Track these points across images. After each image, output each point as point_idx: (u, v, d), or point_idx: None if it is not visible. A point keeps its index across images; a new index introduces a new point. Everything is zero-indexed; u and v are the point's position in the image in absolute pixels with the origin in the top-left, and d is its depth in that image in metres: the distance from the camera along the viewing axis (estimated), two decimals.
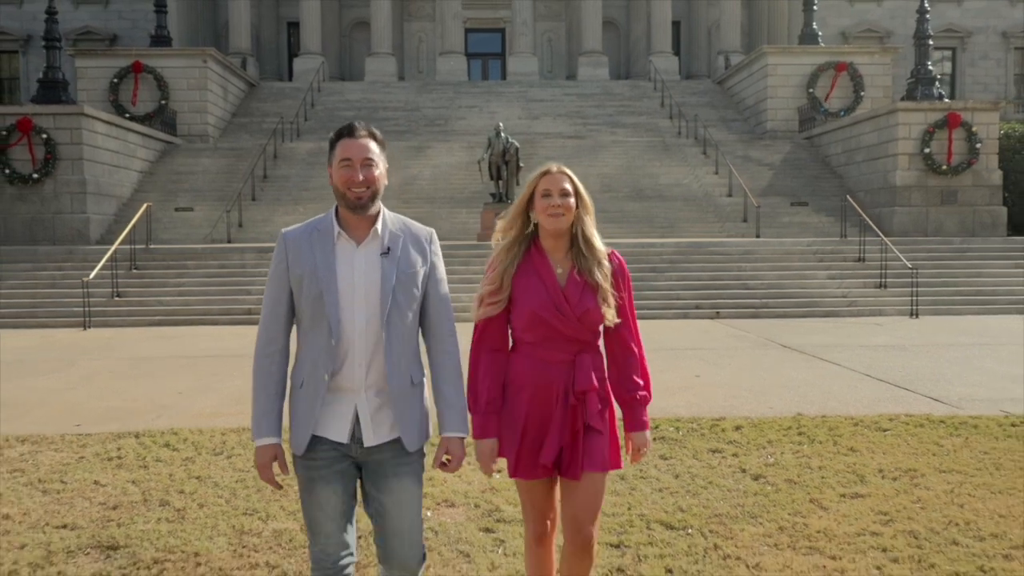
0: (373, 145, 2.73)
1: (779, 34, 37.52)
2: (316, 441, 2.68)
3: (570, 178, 2.91)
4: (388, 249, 2.71)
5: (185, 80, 27.91)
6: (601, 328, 2.94)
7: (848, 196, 20.47)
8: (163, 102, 27.50)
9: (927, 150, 21.61)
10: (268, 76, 37.98)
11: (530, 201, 2.94)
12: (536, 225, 2.94)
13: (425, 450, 2.82)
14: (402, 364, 2.71)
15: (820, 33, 30.49)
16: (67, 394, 8.29)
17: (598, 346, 2.98)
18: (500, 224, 3.02)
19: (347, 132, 2.73)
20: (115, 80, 27.64)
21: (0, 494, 4.87)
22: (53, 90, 22.96)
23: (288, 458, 2.74)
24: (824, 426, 6.33)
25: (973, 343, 11.53)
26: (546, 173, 2.92)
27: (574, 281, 2.88)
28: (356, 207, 2.66)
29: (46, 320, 14.74)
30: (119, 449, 5.79)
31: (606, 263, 2.93)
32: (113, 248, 16.11)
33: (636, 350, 3.01)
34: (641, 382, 3.00)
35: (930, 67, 23.76)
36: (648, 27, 37.62)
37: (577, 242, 2.92)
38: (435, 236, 2.89)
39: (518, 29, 36.35)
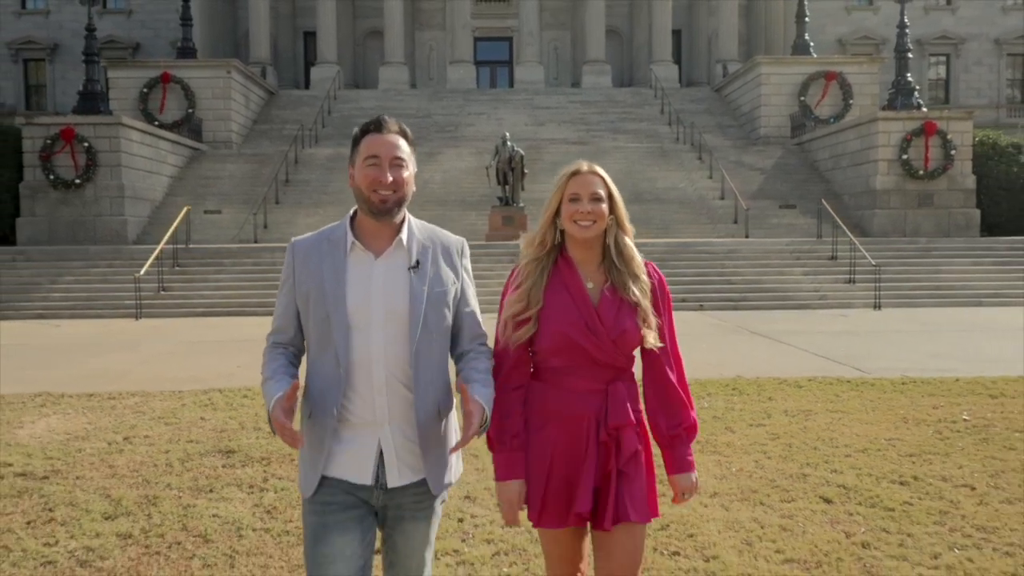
0: (403, 144, 2.41)
1: (776, 43, 39.13)
2: (328, 482, 2.34)
3: (602, 179, 2.55)
4: (418, 263, 2.38)
5: (210, 90, 29.63)
6: (636, 352, 2.58)
7: (823, 200, 22.08)
8: (190, 110, 29.25)
9: (905, 156, 23.16)
10: (286, 84, 39.71)
11: (559, 208, 2.56)
12: (563, 233, 2.57)
13: (447, 494, 2.52)
14: (430, 394, 2.38)
15: (813, 43, 32.02)
16: (145, 367, 10.04)
17: (632, 373, 2.60)
18: (526, 238, 2.63)
19: (375, 127, 2.40)
20: (145, 90, 29.39)
21: (134, 425, 6.62)
22: (92, 101, 24.71)
23: (297, 423, 2.36)
24: (755, 384, 8.06)
25: (918, 330, 13.19)
26: (575, 174, 2.55)
27: (608, 298, 2.53)
28: (381, 212, 2.33)
29: (101, 312, 16.54)
30: (209, 399, 7.55)
31: (644, 277, 2.58)
32: (159, 248, 17.90)
33: (678, 378, 2.62)
34: (684, 415, 2.61)
35: (909, 78, 25.32)
36: (650, 36, 39.23)
37: (610, 253, 2.57)
38: (467, 247, 2.56)
39: (525, 39, 38.06)
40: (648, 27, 39.68)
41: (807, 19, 32.13)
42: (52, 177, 22.19)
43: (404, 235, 2.39)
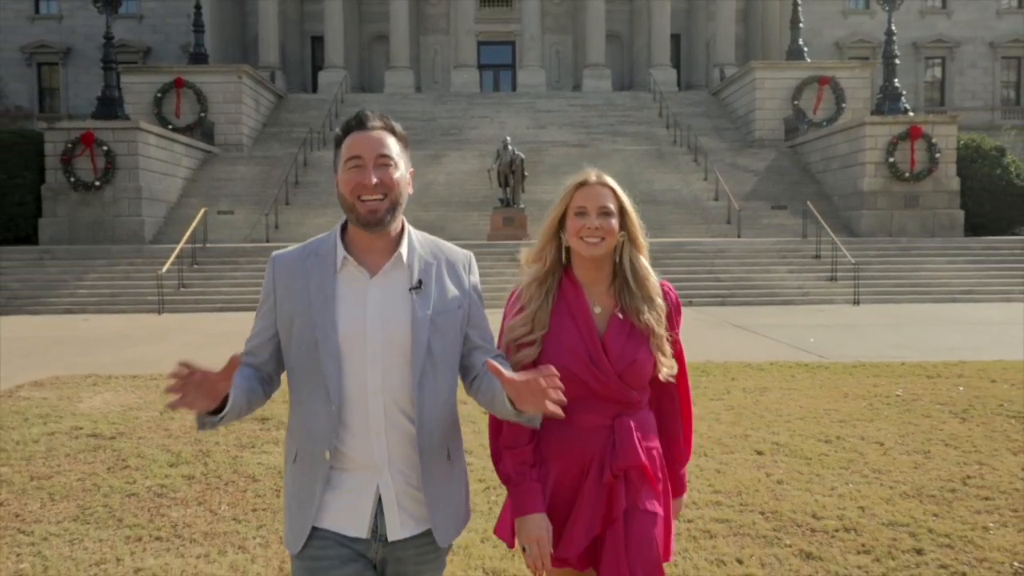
0: (391, 140, 2.12)
1: (773, 47, 40.05)
2: (319, 533, 2.08)
3: (613, 191, 2.32)
4: (420, 282, 2.11)
5: (222, 94, 30.66)
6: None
7: (808, 202, 23.01)
8: (202, 114, 30.28)
9: (892, 159, 24.11)
10: (294, 88, 40.71)
11: (562, 220, 2.34)
12: (568, 251, 2.34)
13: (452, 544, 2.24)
14: (437, 434, 2.12)
15: (811, 47, 33.11)
16: (177, 354, 11.04)
17: (646, 404, 2.38)
18: (526, 254, 2.41)
19: (356, 124, 2.11)
20: (159, 95, 30.44)
21: None
22: (110, 106, 25.74)
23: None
24: (722, 367, 9.06)
25: (888, 323, 14.16)
26: (582, 185, 2.32)
27: (617, 324, 2.29)
28: (370, 223, 2.05)
29: (124, 307, 17.59)
30: None
31: (659, 300, 2.34)
32: (179, 247, 18.95)
33: (683, 402, 2.48)
34: (684, 443, 2.50)
35: (897, 84, 26.26)
36: (649, 40, 40.17)
37: (622, 273, 2.32)
38: (474, 262, 2.28)
39: (527, 43, 39.06)
40: (648, 32, 40.63)
41: (801, 25, 33.03)
42: (73, 179, 23.19)
43: (404, 250, 2.10)
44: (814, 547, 3.98)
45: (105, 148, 23.42)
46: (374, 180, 2.04)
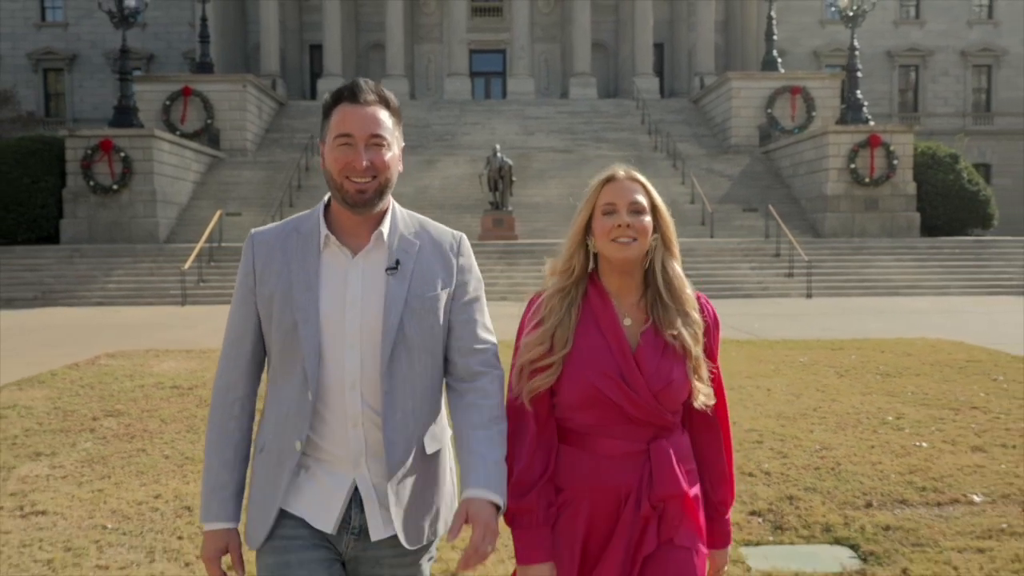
0: (384, 116, 1.94)
1: (751, 56, 41.92)
2: (286, 518, 1.94)
3: (643, 187, 2.07)
4: (397, 262, 1.95)
5: (227, 102, 32.33)
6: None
7: (770, 205, 24.95)
8: (209, 121, 32.01)
9: (853, 165, 26.06)
10: (294, 95, 42.38)
11: (588, 225, 2.06)
12: (595, 257, 2.05)
13: (436, 551, 2.11)
14: (409, 426, 1.95)
15: (790, 54, 35.01)
16: (212, 337, 12.89)
17: (680, 426, 2.09)
18: (551, 265, 2.11)
19: (348, 94, 1.93)
20: (167, 102, 32.17)
21: None
22: (126, 115, 27.48)
23: (246, 553, 2.02)
24: None
25: (829, 313, 16.12)
26: (609, 180, 2.06)
27: (650, 340, 2.01)
28: (357, 203, 1.91)
29: (150, 300, 19.45)
30: None
31: (696, 316, 2.05)
32: (199, 246, 20.82)
33: (723, 433, 2.14)
34: (727, 483, 2.16)
35: (859, 95, 28.21)
36: (633, 49, 42.08)
37: (655, 282, 2.04)
38: (465, 241, 2.09)
39: (517, 53, 40.93)
40: (632, 41, 42.40)
41: (775, 37, 34.93)
42: (92, 183, 24.93)
43: (385, 228, 1.97)
44: None
45: (122, 154, 25.15)
46: (365, 163, 1.89)
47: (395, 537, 1.96)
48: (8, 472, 5.38)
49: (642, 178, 2.08)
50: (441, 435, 2.07)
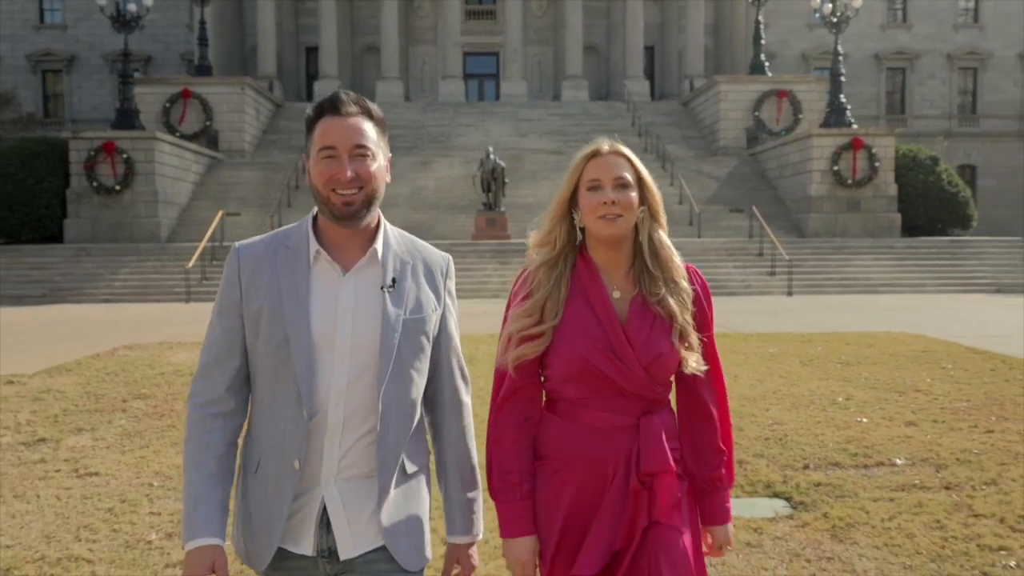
0: (368, 127, 1.93)
1: (740, 59, 42.60)
2: (282, 553, 1.91)
3: (629, 160, 2.05)
4: (394, 281, 1.94)
5: (225, 104, 32.87)
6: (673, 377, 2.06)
7: (755, 206, 25.72)
8: (207, 123, 32.56)
9: (836, 167, 26.85)
10: (290, 97, 42.91)
11: (573, 197, 2.05)
12: (583, 231, 2.05)
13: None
14: (401, 444, 1.95)
15: (779, 57, 35.70)
16: None
17: (669, 402, 2.10)
18: (533, 237, 2.11)
19: (329, 107, 1.91)
20: (167, 104, 32.73)
21: None
22: (128, 117, 28.17)
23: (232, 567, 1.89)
24: None
25: (806, 309, 16.91)
26: (595, 155, 2.04)
27: (639, 311, 2.01)
28: (345, 216, 1.88)
29: (155, 297, 20.16)
30: None
31: (685, 284, 2.08)
32: (202, 245, 21.51)
33: (720, 410, 2.13)
34: (723, 455, 2.13)
35: (843, 99, 29.03)
36: (624, 52, 42.77)
37: (642, 254, 2.04)
38: (452, 266, 2.09)
39: (510, 55, 41.65)
40: (623, 44, 43.10)
41: (763, 41, 35.70)
42: (95, 184, 25.55)
43: (379, 246, 1.94)
44: None
45: (124, 156, 25.77)
46: (349, 174, 1.87)
47: (376, 552, 1.92)
48: (57, 443, 6.11)
49: (627, 151, 2.06)
50: (425, 453, 2.07)
